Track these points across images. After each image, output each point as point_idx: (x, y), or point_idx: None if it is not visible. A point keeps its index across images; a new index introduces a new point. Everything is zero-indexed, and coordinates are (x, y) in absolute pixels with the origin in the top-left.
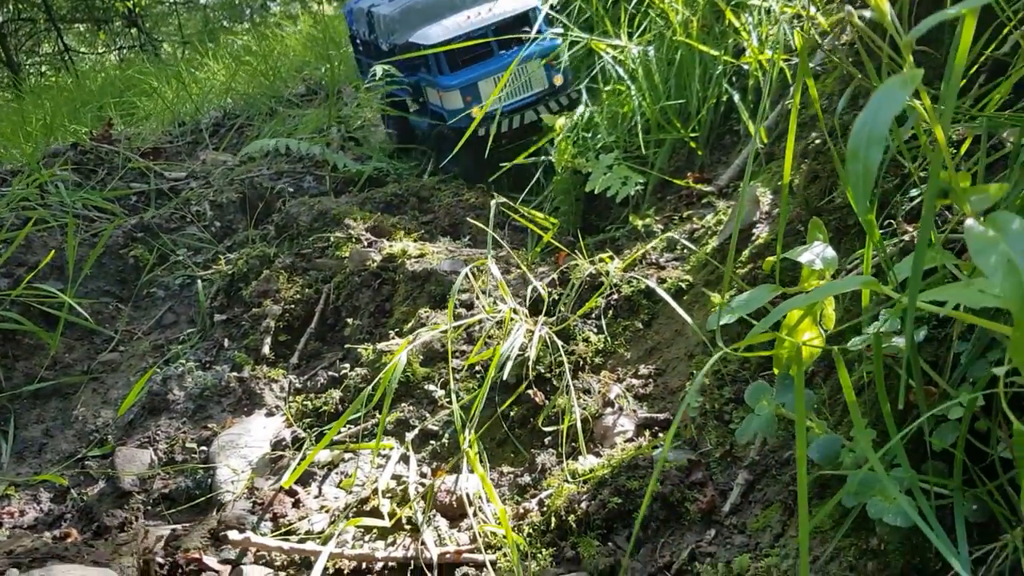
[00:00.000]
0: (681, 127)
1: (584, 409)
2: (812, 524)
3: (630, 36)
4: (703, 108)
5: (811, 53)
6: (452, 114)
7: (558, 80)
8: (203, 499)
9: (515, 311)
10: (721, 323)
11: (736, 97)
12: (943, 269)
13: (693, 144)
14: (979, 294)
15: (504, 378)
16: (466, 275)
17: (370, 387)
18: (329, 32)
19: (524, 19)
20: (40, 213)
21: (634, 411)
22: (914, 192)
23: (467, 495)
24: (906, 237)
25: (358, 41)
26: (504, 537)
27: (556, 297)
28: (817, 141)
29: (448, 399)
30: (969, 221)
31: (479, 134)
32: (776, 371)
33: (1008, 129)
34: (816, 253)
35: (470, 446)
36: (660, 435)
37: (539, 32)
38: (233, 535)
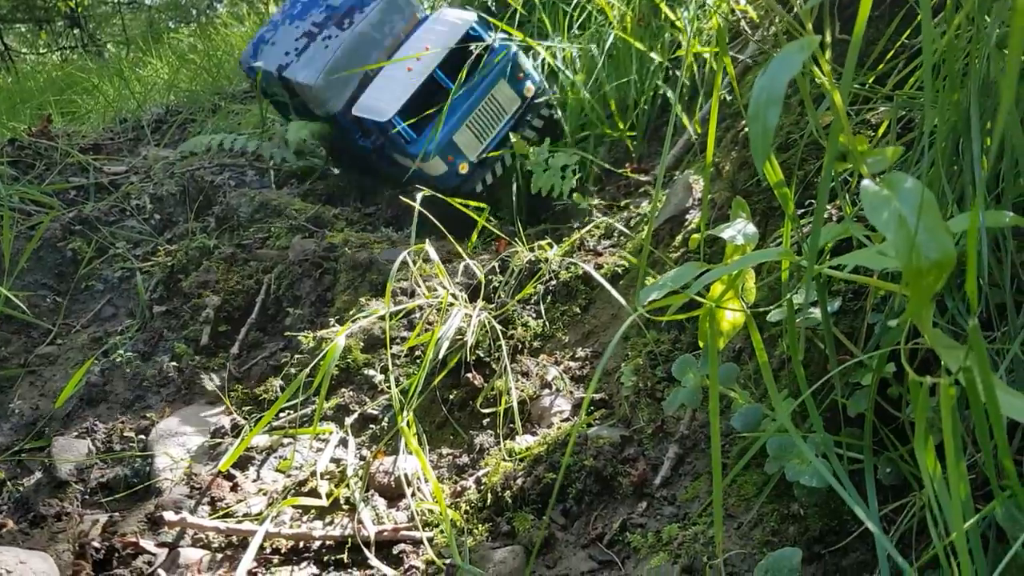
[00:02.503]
0: (620, 120)
1: (522, 391)
2: (726, 482)
3: (571, 33)
4: (640, 101)
5: (743, 45)
6: (439, 179)
7: (529, 90)
8: (141, 487)
9: (455, 296)
10: (649, 300)
11: (669, 91)
12: (856, 241)
13: (629, 141)
14: (879, 257)
15: (443, 362)
16: (407, 263)
17: (306, 371)
18: None
19: (467, 42)
20: None
21: (571, 392)
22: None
23: (405, 475)
24: (826, 215)
25: (275, 98)
26: (441, 514)
27: (496, 284)
28: (747, 129)
29: (388, 384)
30: (865, 181)
31: (477, 191)
32: (701, 345)
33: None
34: (738, 229)
35: (408, 427)
36: (595, 414)
37: (487, 47)
38: (169, 515)
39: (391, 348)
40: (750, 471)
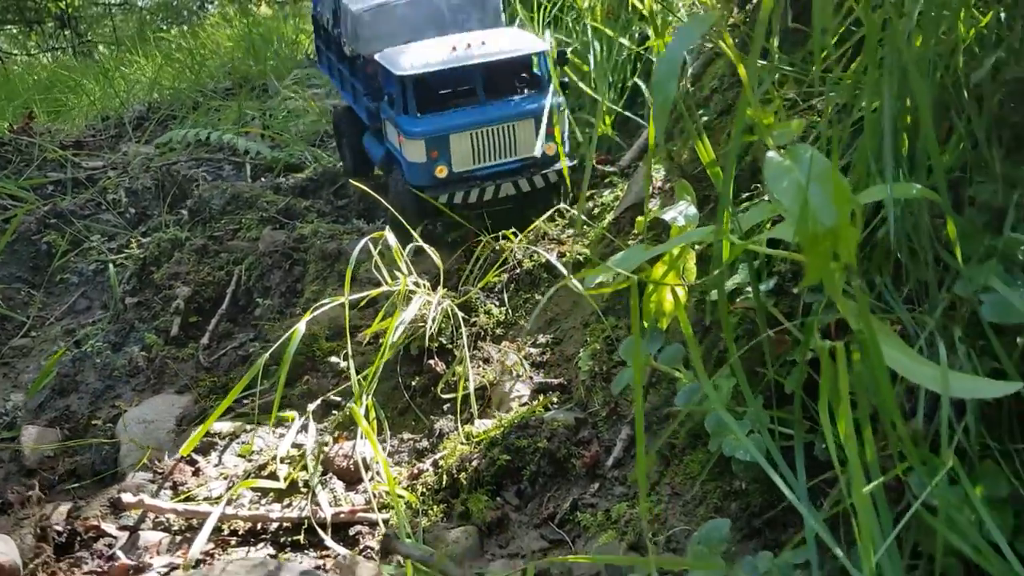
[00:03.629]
0: (590, 113)
1: (483, 377)
2: (650, 454)
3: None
4: (611, 93)
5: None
6: (412, 167)
7: (551, 149)
8: (108, 474)
9: (417, 284)
10: (597, 282)
11: (640, 82)
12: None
13: (601, 130)
14: (789, 228)
15: (406, 349)
16: (378, 252)
17: (265, 356)
18: (259, 30)
19: (526, 63)
20: None
21: (530, 377)
22: None
23: (363, 459)
24: (766, 198)
25: (320, 26)
26: (392, 496)
27: (462, 273)
28: (705, 119)
29: (348, 370)
30: (769, 153)
31: (441, 201)
32: (644, 326)
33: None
34: (679, 211)
35: (366, 412)
36: (553, 398)
37: (539, 81)
38: (127, 497)
39: (358, 336)
40: (697, 449)
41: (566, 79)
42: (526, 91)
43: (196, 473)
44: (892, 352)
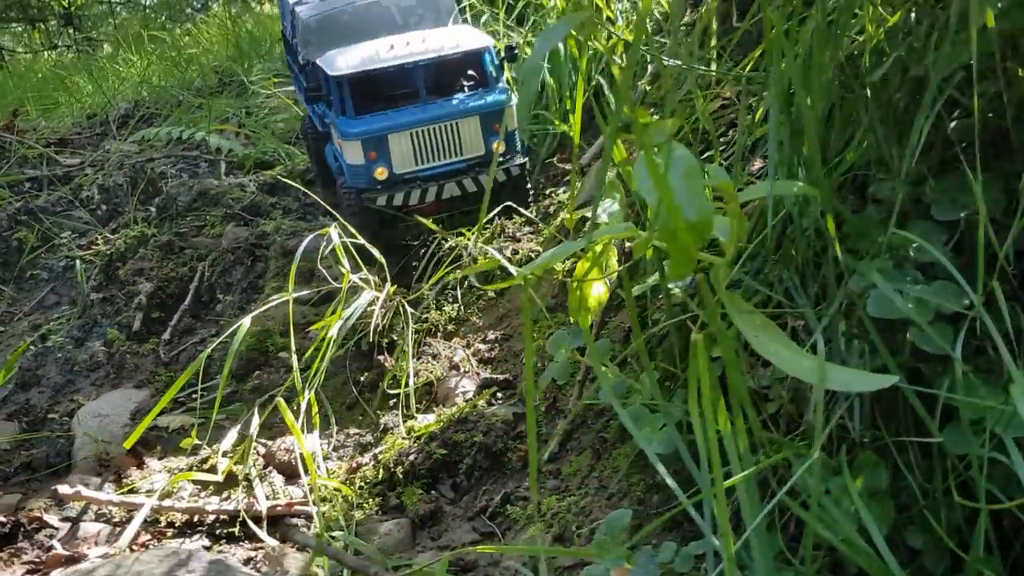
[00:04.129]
0: (556, 112)
1: (430, 372)
2: (584, 450)
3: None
4: (575, 92)
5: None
6: (351, 169)
7: (498, 147)
8: (62, 466)
9: (367, 281)
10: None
11: (602, 81)
12: None
13: (560, 128)
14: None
15: (356, 345)
16: (329, 251)
17: (208, 351)
18: (245, 29)
19: (470, 61)
20: None
21: (477, 373)
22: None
23: (299, 453)
24: None
25: (286, 36)
26: (335, 490)
27: (419, 271)
28: (657, 117)
29: (302, 367)
30: (643, 151)
31: (378, 203)
32: (572, 320)
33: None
34: (603, 208)
35: (309, 407)
36: (498, 394)
37: (485, 78)
38: (63, 488)
39: (310, 333)
40: (626, 443)
41: (513, 74)
42: (474, 88)
43: (140, 466)
44: (772, 345)
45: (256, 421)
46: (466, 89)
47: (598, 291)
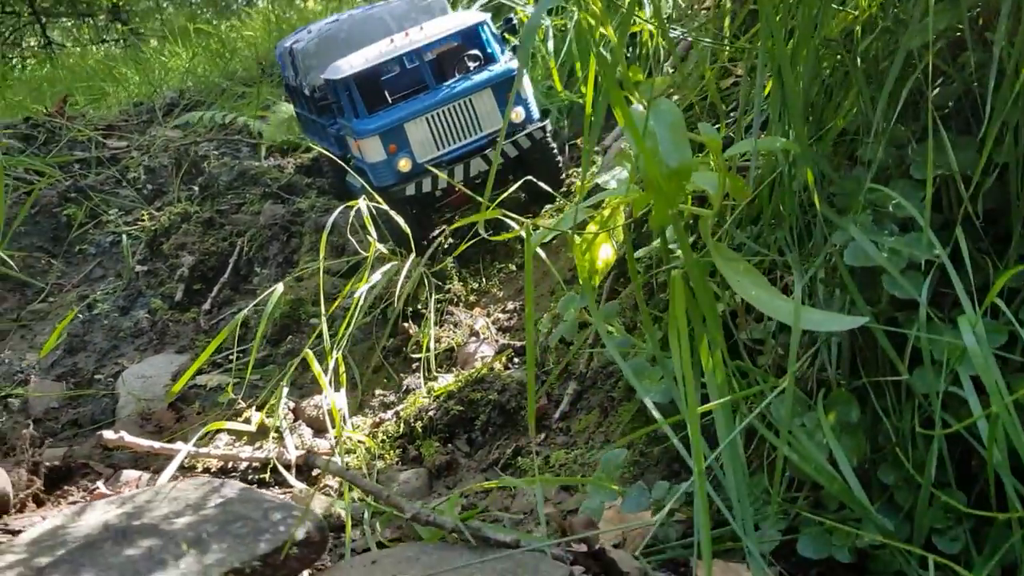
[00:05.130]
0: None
1: (452, 339)
2: (593, 408)
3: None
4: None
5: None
6: (375, 169)
7: (517, 116)
8: (106, 423)
9: (394, 252)
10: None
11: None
12: None
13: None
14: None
15: (383, 313)
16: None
17: (243, 314)
18: (288, 23)
19: (470, 39)
20: None
21: (496, 340)
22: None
23: (327, 408)
24: None
25: (291, 88)
26: (359, 442)
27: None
28: (675, 98)
29: (331, 332)
30: (635, 105)
31: (407, 193)
32: (581, 280)
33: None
34: (613, 175)
35: (336, 367)
36: (515, 359)
37: (489, 54)
38: (108, 434)
39: (342, 302)
40: (632, 401)
41: (516, 43)
42: (479, 65)
43: (179, 420)
44: (753, 288)
45: (288, 380)
46: (472, 68)
47: (605, 254)
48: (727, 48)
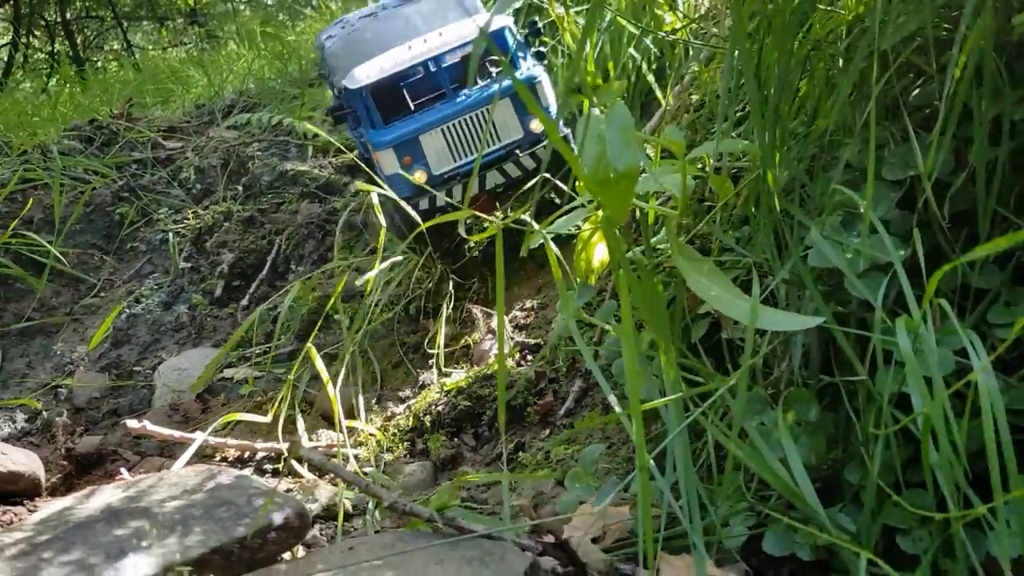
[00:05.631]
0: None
1: (468, 336)
2: (597, 406)
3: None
4: (632, 74)
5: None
6: (390, 181)
7: (536, 126)
8: (143, 412)
9: (414, 250)
10: (534, 245)
11: (653, 64)
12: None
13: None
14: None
15: (405, 310)
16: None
17: (258, 311)
18: None
19: (487, 49)
20: (38, 175)
21: (511, 337)
22: None
23: (335, 397)
24: None
25: (330, 84)
26: (370, 435)
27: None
28: (694, 98)
29: (355, 328)
30: (593, 109)
31: (420, 208)
32: (578, 280)
33: None
34: None
35: (353, 362)
36: (528, 356)
37: (510, 60)
38: (132, 423)
39: (367, 299)
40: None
41: (543, 48)
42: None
43: (205, 410)
44: (713, 289)
45: (307, 374)
46: (493, 75)
47: (601, 253)
48: (698, 44)
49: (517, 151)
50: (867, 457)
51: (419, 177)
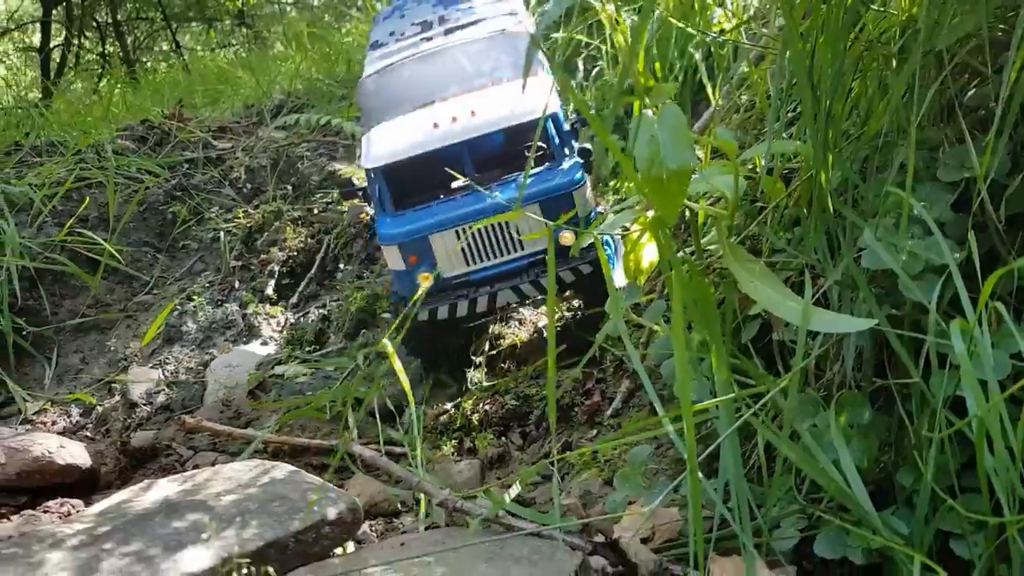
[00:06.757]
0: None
1: (516, 336)
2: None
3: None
4: (680, 74)
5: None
6: (395, 277)
7: (567, 239)
8: (195, 408)
9: None
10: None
11: (702, 65)
12: None
13: None
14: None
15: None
16: None
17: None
18: None
19: (531, 131)
20: (93, 173)
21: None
22: None
23: (387, 398)
24: None
25: None
26: (419, 433)
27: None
28: (744, 98)
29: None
30: (646, 111)
31: (419, 319)
32: (627, 281)
33: None
34: None
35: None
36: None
37: (552, 152)
38: (187, 419)
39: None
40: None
41: (588, 145)
42: (536, 165)
43: (257, 407)
44: (764, 290)
45: (360, 373)
46: (529, 163)
47: (650, 254)
48: (750, 45)
49: (538, 270)
50: (920, 461)
51: (424, 278)
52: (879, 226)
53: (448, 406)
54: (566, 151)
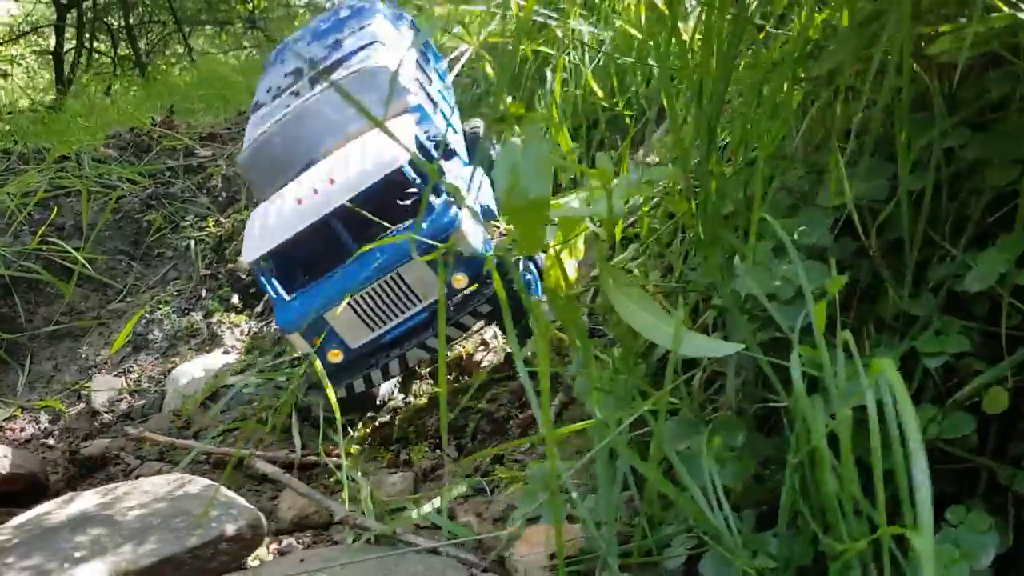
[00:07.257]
0: (622, 105)
1: (463, 348)
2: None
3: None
4: (641, 87)
5: None
6: (308, 360)
7: (459, 281)
8: (153, 416)
9: None
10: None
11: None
12: None
13: (627, 119)
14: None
15: None
16: None
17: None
18: None
19: (392, 187)
20: (71, 182)
21: (505, 349)
22: None
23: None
24: None
25: None
26: (358, 444)
27: None
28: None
29: None
30: (513, 139)
31: (338, 396)
32: (547, 297)
33: None
34: (580, 196)
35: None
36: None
37: (413, 199)
38: (130, 430)
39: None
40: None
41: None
42: (411, 214)
43: (207, 417)
44: (639, 314)
45: (306, 384)
46: (405, 211)
47: (571, 270)
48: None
49: (449, 314)
50: (794, 482)
51: (335, 355)
52: (756, 251)
53: (387, 418)
54: (433, 195)
